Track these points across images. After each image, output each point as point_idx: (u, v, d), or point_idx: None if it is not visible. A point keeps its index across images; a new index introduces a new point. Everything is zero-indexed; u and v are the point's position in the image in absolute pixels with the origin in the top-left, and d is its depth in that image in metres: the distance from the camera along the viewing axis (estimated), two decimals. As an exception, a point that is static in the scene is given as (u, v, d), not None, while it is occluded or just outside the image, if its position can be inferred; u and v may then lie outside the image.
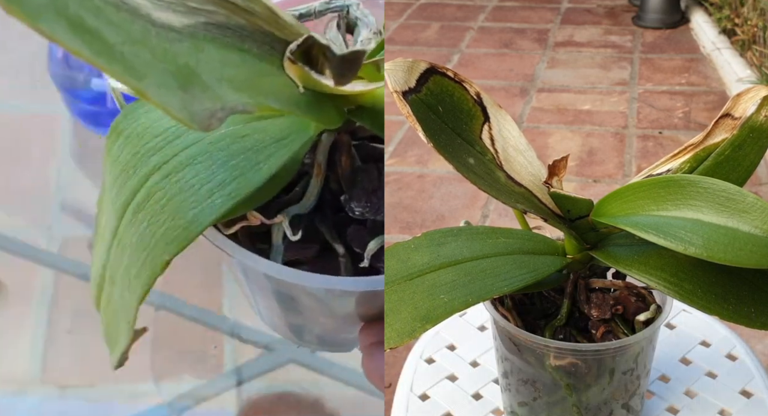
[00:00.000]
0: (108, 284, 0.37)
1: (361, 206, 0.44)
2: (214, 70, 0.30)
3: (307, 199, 0.45)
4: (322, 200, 0.47)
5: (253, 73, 0.33)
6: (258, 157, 0.38)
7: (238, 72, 0.32)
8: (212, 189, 0.37)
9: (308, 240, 0.46)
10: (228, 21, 0.32)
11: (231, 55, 0.32)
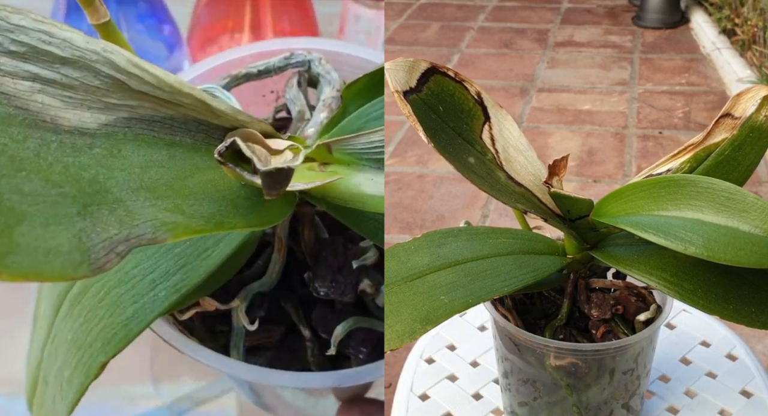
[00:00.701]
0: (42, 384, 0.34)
1: (326, 286, 0.41)
2: (131, 177, 0.27)
3: (269, 276, 0.42)
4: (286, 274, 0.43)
5: (181, 172, 0.29)
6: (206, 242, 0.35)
7: (163, 174, 0.28)
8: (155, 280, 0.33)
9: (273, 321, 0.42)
10: (155, 113, 0.29)
11: (156, 154, 0.29)
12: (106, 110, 0.27)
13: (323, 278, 0.41)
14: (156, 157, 0.28)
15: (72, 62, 0.26)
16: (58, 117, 0.26)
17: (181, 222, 0.27)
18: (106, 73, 0.27)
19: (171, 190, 0.28)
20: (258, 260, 0.43)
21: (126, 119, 0.28)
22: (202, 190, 0.29)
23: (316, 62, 0.45)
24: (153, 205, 0.27)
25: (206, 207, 0.29)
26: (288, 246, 0.42)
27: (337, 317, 0.42)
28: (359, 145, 0.36)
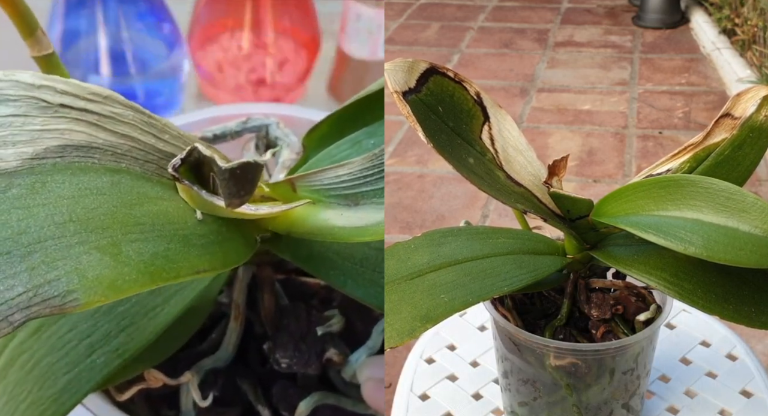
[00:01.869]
0: None
1: (288, 356, 0.37)
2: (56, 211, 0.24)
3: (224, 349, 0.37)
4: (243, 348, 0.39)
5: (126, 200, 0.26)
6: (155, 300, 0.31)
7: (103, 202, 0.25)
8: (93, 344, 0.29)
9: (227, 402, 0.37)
10: (92, 140, 0.26)
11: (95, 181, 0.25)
12: (32, 142, 0.25)
13: (285, 347, 0.37)
14: (94, 184, 0.25)
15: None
16: None
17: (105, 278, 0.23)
18: (16, 95, 0.25)
19: (111, 219, 0.25)
20: (212, 333, 0.38)
21: (58, 147, 0.25)
22: (151, 220, 0.26)
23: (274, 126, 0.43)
24: (82, 241, 0.23)
25: (151, 244, 0.25)
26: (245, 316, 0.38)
27: (299, 393, 0.37)
28: (326, 180, 0.32)
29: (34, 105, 0.25)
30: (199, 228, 0.27)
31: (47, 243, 0.23)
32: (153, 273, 0.24)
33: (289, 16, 0.77)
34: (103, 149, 0.26)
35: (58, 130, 0.25)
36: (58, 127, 0.25)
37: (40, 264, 0.22)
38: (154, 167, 0.28)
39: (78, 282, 0.22)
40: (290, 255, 0.33)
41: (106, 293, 0.23)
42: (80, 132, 0.26)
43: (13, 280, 0.22)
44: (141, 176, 0.27)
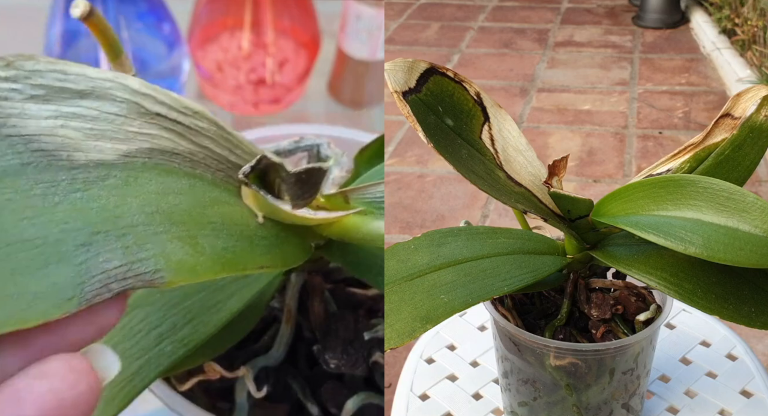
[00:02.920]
0: None
1: (337, 358, 0.39)
2: (146, 203, 0.27)
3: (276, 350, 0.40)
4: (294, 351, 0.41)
5: (200, 201, 0.29)
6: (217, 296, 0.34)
7: (182, 200, 0.28)
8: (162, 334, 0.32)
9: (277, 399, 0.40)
10: (175, 147, 0.29)
11: (176, 183, 0.29)
12: (127, 140, 0.27)
13: (334, 349, 0.39)
14: (176, 185, 0.28)
15: (88, 93, 0.27)
16: (77, 151, 0.26)
17: (186, 263, 0.26)
18: (122, 98, 0.28)
19: (189, 216, 0.28)
20: (264, 335, 0.41)
21: (147, 150, 0.28)
22: (220, 220, 0.29)
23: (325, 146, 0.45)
24: (166, 231, 0.26)
25: (221, 240, 0.28)
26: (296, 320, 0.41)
27: (347, 392, 0.40)
28: (377, 194, 0.35)
29: (134, 109, 0.28)
30: (260, 231, 0.30)
31: (138, 228, 0.26)
32: (224, 264, 0.27)
33: (289, 16, 0.77)
34: (183, 156, 0.29)
35: (150, 135, 0.28)
36: (150, 132, 0.28)
37: (132, 245, 0.25)
38: (223, 175, 0.31)
39: (164, 263, 0.25)
40: (341, 260, 0.36)
41: (187, 276, 0.26)
42: (167, 139, 0.29)
43: (110, 254, 0.24)
44: (211, 182, 0.30)
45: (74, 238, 0.24)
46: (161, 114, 0.28)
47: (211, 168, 0.30)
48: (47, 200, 0.25)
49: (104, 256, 0.24)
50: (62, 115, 0.26)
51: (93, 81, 0.27)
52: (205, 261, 0.27)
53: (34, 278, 0.22)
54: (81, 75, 0.27)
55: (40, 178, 0.25)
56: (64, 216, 0.24)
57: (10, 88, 0.25)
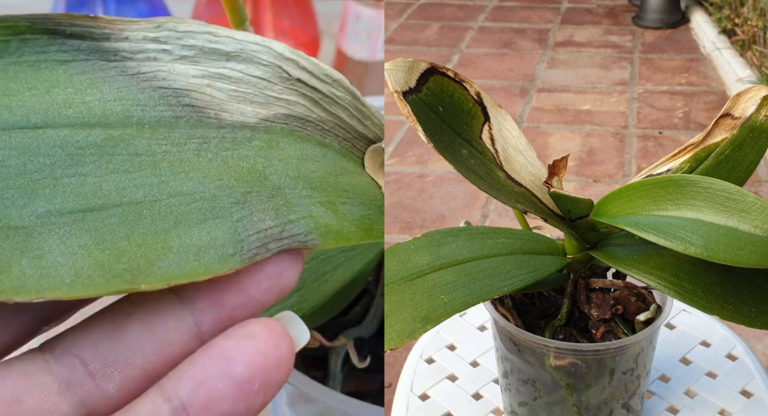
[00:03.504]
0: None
1: None
2: (289, 167, 0.27)
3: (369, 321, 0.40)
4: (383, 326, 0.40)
5: (333, 169, 0.30)
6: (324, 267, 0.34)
7: (318, 167, 0.29)
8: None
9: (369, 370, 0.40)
10: (309, 114, 0.29)
11: (311, 150, 0.29)
12: (266, 105, 0.28)
13: None
14: (311, 152, 0.29)
15: (235, 56, 0.27)
16: (223, 111, 0.26)
17: (333, 227, 0.26)
18: (267, 61, 0.28)
19: (326, 183, 0.28)
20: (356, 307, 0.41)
21: (284, 115, 0.28)
22: (352, 189, 0.29)
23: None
24: (309, 196, 0.27)
25: (357, 208, 0.29)
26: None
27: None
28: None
29: (277, 74, 0.28)
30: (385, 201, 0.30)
31: (285, 190, 0.26)
32: (365, 230, 0.28)
33: (289, 16, 0.77)
34: (314, 123, 0.29)
35: (287, 101, 0.28)
36: (289, 97, 0.28)
37: (282, 206, 0.25)
38: (349, 145, 0.31)
39: (314, 226, 0.26)
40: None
41: (336, 239, 0.26)
42: (302, 106, 0.29)
43: (263, 214, 0.24)
44: (339, 152, 0.30)
45: (229, 195, 0.24)
46: (302, 80, 0.28)
47: (338, 137, 0.30)
48: (201, 156, 0.25)
49: (258, 216, 0.24)
50: (209, 75, 0.26)
51: (240, 43, 0.27)
52: (349, 226, 0.27)
53: (195, 232, 0.23)
54: (229, 37, 0.27)
55: (192, 132, 0.25)
56: (218, 173, 0.25)
57: (161, 49, 0.26)
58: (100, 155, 0.23)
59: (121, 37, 0.25)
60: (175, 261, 0.22)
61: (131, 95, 0.25)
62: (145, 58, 0.25)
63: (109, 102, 0.24)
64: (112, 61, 0.25)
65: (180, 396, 0.20)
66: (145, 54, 0.25)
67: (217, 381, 0.21)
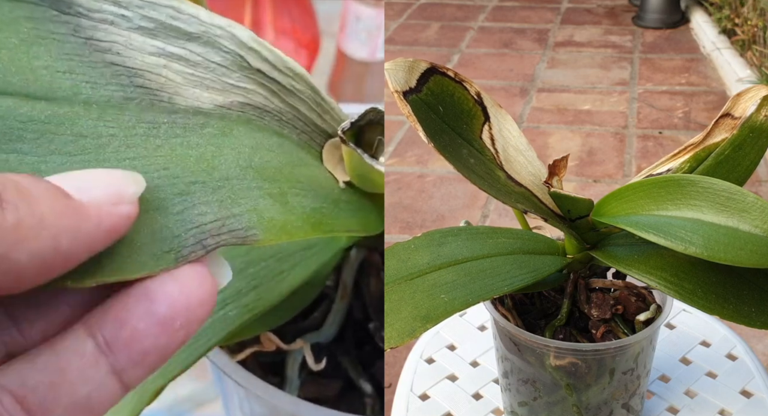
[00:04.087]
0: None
1: None
2: (240, 156, 0.26)
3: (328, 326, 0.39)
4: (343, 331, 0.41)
5: (290, 160, 0.29)
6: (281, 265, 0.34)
7: (273, 157, 0.28)
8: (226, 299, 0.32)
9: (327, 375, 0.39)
10: (267, 104, 0.28)
11: (267, 139, 0.28)
12: (223, 92, 0.27)
13: None
14: (267, 141, 0.28)
15: (196, 37, 0.26)
16: (177, 95, 0.25)
17: (277, 221, 0.26)
18: (228, 48, 0.27)
19: (280, 173, 0.27)
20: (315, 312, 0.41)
21: (240, 104, 0.27)
22: (307, 181, 0.29)
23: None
24: (259, 187, 0.26)
25: (309, 200, 0.28)
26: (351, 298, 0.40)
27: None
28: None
29: (237, 62, 0.27)
30: (343, 195, 0.30)
31: (233, 181, 0.25)
32: (313, 225, 0.27)
33: (289, 16, 0.77)
34: (273, 114, 0.29)
35: (245, 89, 0.27)
36: (247, 86, 0.27)
37: (227, 198, 0.24)
38: (307, 138, 0.30)
39: (257, 220, 0.25)
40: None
41: (278, 234, 0.25)
42: (261, 95, 0.28)
43: (205, 207, 0.24)
44: (297, 143, 0.30)
45: (172, 186, 0.23)
46: (262, 71, 0.28)
47: (297, 129, 0.30)
48: (149, 142, 0.24)
49: (199, 209, 0.23)
50: (166, 55, 0.25)
51: (204, 25, 0.26)
52: (296, 221, 0.26)
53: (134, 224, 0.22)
54: (194, 17, 0.26)
55: (142, 117, 0.24)
56: (164, 162, 0.24)
57: (120, 13, 0.24)
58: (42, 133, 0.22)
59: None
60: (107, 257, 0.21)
61: (82, 69, 0.23)
62: (101, 19, 0.24)
63: (58, 74, 0.23)
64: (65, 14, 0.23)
65: (103, 333, 0.21)
66: (101, 14, 0.24)
67: (140, 321, 0.21)
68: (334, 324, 0.40)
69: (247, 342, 0.37)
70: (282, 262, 0.34)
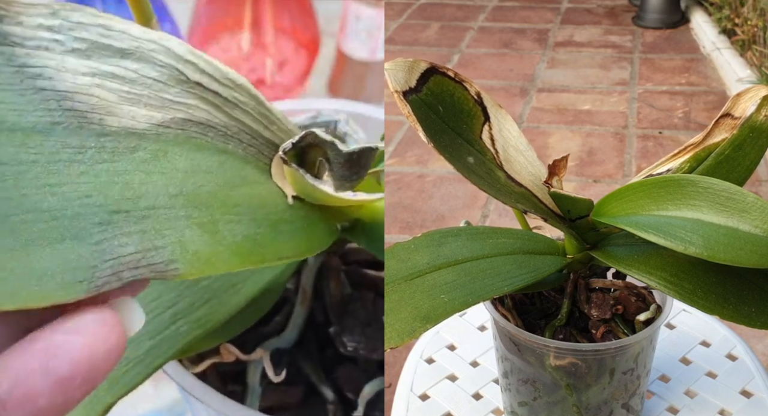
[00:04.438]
0: None
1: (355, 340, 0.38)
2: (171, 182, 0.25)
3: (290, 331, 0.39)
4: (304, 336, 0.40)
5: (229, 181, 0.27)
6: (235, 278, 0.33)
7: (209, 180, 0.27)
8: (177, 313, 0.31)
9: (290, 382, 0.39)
10: (211, 119, 0.27)
11: (206, 160, 0.27)
12: (162, 108, 0.26)
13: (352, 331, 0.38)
14: (205, 162, 0.27)
15: (130, 54, 0.25)
16: (110, 115, 0.25)
17: (202, 254, 0.25)
18: (164, 62, 0.26)
19: (213, 198, 0.26)
20: (276, 317, 0.40)
21: (181, 120, 0.26)
22: (247, 203, 0.28)
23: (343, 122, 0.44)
24: (187, 216, 0.25)
25: (243, 226, 0.27)
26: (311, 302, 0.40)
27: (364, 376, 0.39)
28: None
29: (175, 76, 0.26)
30: (287, 214, 0.29)
31: (159, 211, 0.24)
32: (242, 256, 0.26)
33: (289, 16, 0.77)
34: (217, 129, 0.28)
35: (186, 105, 0.27)
36: (188, 101, 0.27)
37: (150, 230, 0.24)
38: (255, 151, 0.29)
39: (180, 253, 0.24)
40: (365, 242, 0.35)
41: (202, 268, 0.25)
42: (203, 110, 0.27)
43: (127, 239, 0.23)
44: (242, 158, 0.29)
45: (93, 215, 0.23)
46: (202, 84, 0.27)
47: (243, 143, 0.29)
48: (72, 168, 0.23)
49: (120, 240, 0.23)
50: (100, 74, 0.25)
51: (137, 41, 0.26)
52: (223, 252, 0.26)
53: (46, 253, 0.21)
54: (125, 33, 0.25)
55: (68, 141, 0.23)
56: (87, 189, 0.23)
57: (53, 38, 0.24)
58: None
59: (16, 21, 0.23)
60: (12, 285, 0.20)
61: (10, 98, 0.23)
62: (36, 46, 0.24)
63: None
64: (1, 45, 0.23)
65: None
66: (36, 42, 0.24)
67: (38, 379, 0.20)
68: (295, 329, 0.39)
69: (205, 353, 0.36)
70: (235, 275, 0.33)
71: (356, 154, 0.30)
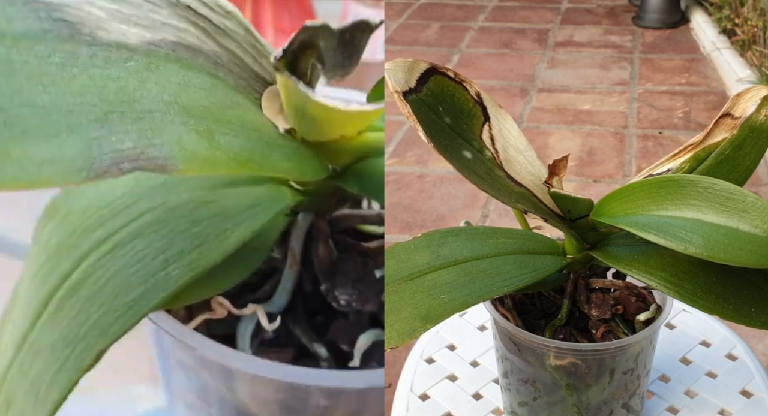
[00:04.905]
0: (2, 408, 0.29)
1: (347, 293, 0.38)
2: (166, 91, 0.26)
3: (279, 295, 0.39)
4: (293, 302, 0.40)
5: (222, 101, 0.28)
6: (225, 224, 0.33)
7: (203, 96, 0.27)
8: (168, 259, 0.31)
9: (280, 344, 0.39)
10: (201, 45, 0.28)
11: (198, 78, 0.27)
12: (152, 29, 0.26)
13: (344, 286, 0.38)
14: (197, 80, 0.27)
15: None
16: (100, 29, 0.25)
17: (200, 154, 0.25)
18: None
19: (208, 112, 0.27)
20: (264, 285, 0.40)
21: (172, 43, 0.27)
22: (239, 123, 0.28)
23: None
24: (184, 122, 0.25)
25: (239, 141, 0.27)
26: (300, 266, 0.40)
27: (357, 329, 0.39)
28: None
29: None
30: (280, 140, 0.29)
31: (155, 115, 0.25)
32: (240, 162, 0.27)
33: (289, 16, 0.77)
34: (207, 55, 0.28)
35: (176, 28, 0.27)
36: (178, 25, 0.27)
37: (147, 130, 0.24)
38: (245, 84, 0.30)
39: (178, 152, 0.25)
40: (356, 186, 0.36)
41: (201, 166, 0.25)
42: (193, 34, 0.28)
43: (123, 136, 0.23)
44: (233, 87, 0.29)
45: (88, 112, 0.23)
46: (191, 7, 0.27)
47: (233, 73, 0.29)
48: (65, 70, 0.24)
49: (117, 136, 0.23)
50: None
51: None
52: (221, 156, 0.26)
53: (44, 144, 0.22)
54: None
55: (60, 47, 0.24)
56: (81, 90, 0.24)
57: None
58: None
59: None
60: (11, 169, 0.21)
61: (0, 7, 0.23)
62: None
63: None
64: None
65: None
66: None
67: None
68: (284, 293, 0.39)
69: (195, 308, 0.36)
70: (226, 221, 0.33)
71: (348, 32, 0.30)
